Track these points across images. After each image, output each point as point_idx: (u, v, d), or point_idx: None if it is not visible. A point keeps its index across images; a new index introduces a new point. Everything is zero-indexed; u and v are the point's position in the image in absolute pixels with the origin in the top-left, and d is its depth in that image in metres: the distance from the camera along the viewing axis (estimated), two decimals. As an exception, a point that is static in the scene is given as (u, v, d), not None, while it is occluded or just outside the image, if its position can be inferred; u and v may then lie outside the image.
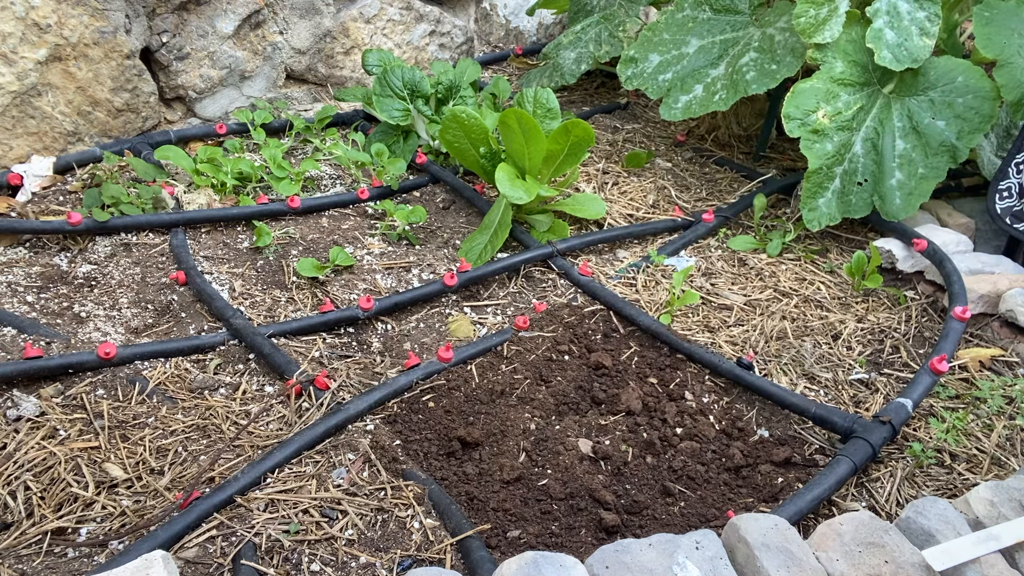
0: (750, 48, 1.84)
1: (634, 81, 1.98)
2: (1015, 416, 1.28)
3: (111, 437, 1.14)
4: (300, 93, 2.30)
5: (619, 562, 0.83)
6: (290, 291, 1.51)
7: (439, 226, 1.78)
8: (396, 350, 1.39)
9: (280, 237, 1.65)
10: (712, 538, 0.88)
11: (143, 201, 1.67)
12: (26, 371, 1.20)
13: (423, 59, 2.52)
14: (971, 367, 1.39)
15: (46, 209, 1.65)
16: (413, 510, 1.05)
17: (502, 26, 2.75)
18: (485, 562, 0.94)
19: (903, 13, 1.65)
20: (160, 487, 1.07)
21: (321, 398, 1.23)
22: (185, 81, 2.01)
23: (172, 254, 1.57)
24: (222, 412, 1.21)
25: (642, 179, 2.00)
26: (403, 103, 1.96)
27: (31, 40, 1.67)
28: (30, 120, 1.75)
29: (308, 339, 1.38)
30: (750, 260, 1.71)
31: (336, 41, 2.28)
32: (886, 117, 1.69)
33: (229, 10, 2.02)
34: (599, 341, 1.42)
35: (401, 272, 1.60)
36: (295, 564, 0.96)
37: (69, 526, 1.01)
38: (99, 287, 1.47)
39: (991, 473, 1.17)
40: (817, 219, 1.68)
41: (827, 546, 0.90)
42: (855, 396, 1.34)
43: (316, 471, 1.10)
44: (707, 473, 1.16)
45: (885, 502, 1.13)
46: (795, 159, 2.13)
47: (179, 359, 1.31)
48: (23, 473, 1.07)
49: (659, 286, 1.60)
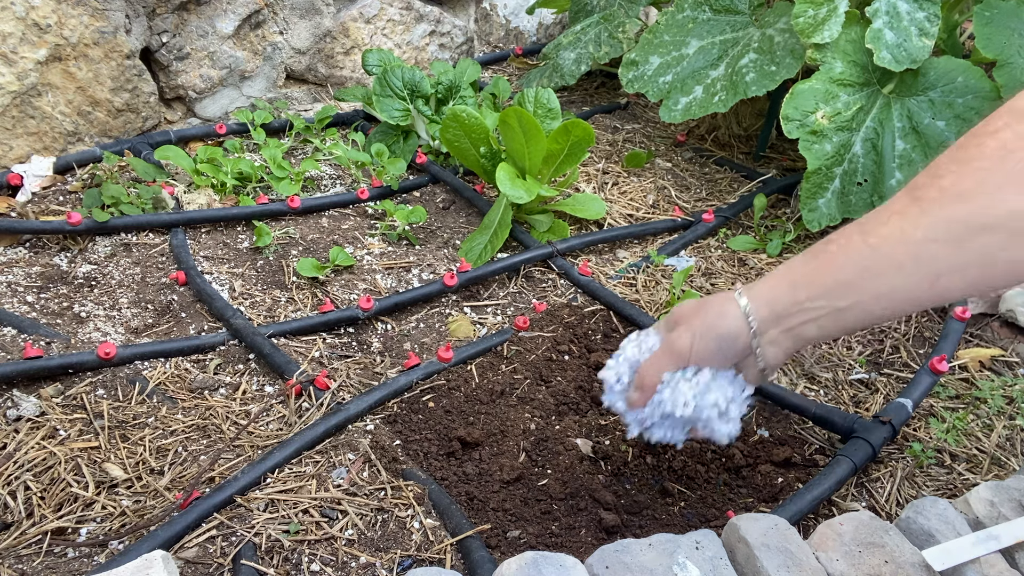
0: (750, 49, 1.84)
1: (635, 84, 1.98)
2: (1015, 416, 1.28)
3: (111, 437, 1.14)
4: (300, 93, 2.30)
5: (619, 562, 0.83)
6: (290, 291, 1.51)
7: (439, 226, 1.78)
8: (396, 350, 1.39)
9: (280, 237, 1.65)
10: (712, 538, 0.88)
11: (143, 201, 1.67)
12: (26, 371, 1.20)
13: (423, 59, 2.52)
14: (971, 367, 1.39)
15: (46, 209, 1.65)
16: (413, 510, 1.05)
17: (502, 26, 2.75)
18: (485, 562, 0.95)
19: (902, 13, 1.65)
20: (160, 487, 1.07)
21: (321, 398, 1.23)
22: (185, 81, 2.01)
23: (172, 254, 1.57)
24: (222, 412, 1.21)
25: (642, 179, 2.00)
26: (403, 103, 1.96)
27: (31, 40, 1.67)
28: (30, 120, 1.75)
29: (308, 339, 1.38)
30: (750, 260, 1.71)
31: (336, 41, 2.28)
32: (886, 117, 1.69)
33: (229, 10, 2.02)
34: (599, 341, 1.42)
35: (401, 272, 1.60)
36: (295, 564, 0.96)
37: (69, 526, 1.01)
38: (99, 287, 1.47)
39: (991, 473, 1.17)
40: (817, 219, 1.68)
41: (827, 546, 0.90)
42: (855, 396, 1.34)
43: (316, 471, 1.10)
44: (707, 473, 1.16)
45: (885, 502, 1.13)
46: (795, 159, 2.13)
47: (179, 359, 1.31)
48: (23, 473, 1.07)
49: (659, 286, 1.60)
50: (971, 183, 0.66)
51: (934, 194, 0.68)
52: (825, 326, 0.77)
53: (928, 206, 0.68)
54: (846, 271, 0.73)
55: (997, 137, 0.67)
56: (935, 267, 0.69)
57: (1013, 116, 0.67)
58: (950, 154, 0.70)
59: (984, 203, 0.66)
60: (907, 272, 0.70)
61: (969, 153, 0.68)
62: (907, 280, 0.70)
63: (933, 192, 0.68)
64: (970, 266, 0.68)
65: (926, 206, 0.68)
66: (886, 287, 0.72)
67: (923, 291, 0.71)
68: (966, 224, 0.67)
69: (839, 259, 0.74)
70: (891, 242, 0.70)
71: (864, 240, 0.72)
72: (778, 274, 0.81)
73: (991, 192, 0.65)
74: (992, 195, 0.65)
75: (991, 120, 0.69)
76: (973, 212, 0.66)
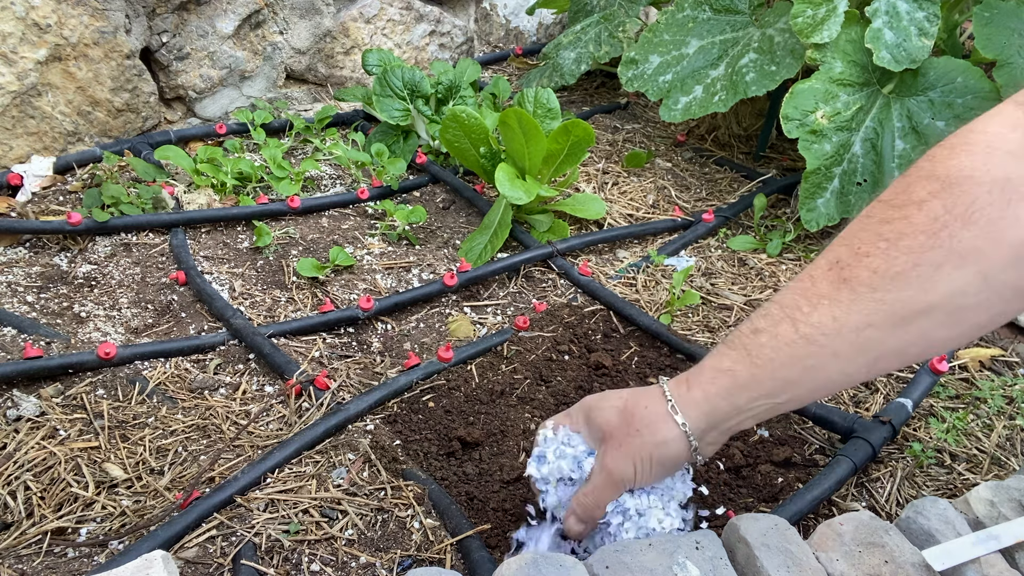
0: (750, 49, 1.84)
1: (635, 83, 1.98)
2: (1015, 416, 1.28)
3: (111, 437, 1.14)
4: (300, 93, 2.30)
5: (619, 562, 0.83)
6: (290, 291, 1.51)
7: (439, 226, 1.78)
8: (396, 350, 1.39)
9: (280, 237, 1.65)
10: (712, 538, 0.88)
11: (143, 201, 1.67)
12: (26, 371, 1.20)
13: (423, 59, 2.52)
14: (971, 367, 1.39)
15: (46, 209, 1.65)
16: (413, 510, 1.05)
17: (502, 26, 2.75)
18: (485, 562, 0.94)
19: (902, 13, 1.65)
20: (160, 487, 1.07)
21: (321, 398, 1.23)
22: (185, 81, 2.01)
23: (172, 254, 1.57)
24: (222, 412, 1.21)
25: (642, 179, 2.00)
26: (403, 103, 1.96)
27: (31, 40, 1.67)
28: (30, 120, 1.75)
29: (308, 339, 1.38)
30: (750, 260, 1.71)
31: (336, 41, 2.28)
32: (885, 117, 1.69)
33: (229, 10, 2.02)
34: (599, 341, 1.42)
35: (401, 272, 1.60)
36: (295, 564, 0.96)
37: (69, 526, 1.01)
38: (99, 287, 1.47)
39: (991, 473, 1.17)
40: (816, 219, 1.68)
41: (827, 546, 0.90)
42: (855, 396, 1.34)
43: (316, 471, 1.10)
44: (707, 473, 1.16)
45: (885, 502, 1.13)
46: (795, 159, 2.13)
47: (179, 359, 1.31)
48: (23, 473, 1.07)
49: (659, 286, 1.60)
50: (904, 264, 0.64)
51: (865, 276, 0.66)
52: (762, 416, 0.76)
53: (860, 290, 0.66)
54: (786, 370, 0.71)
55: (924, 210, 0.64)
56: (873, 353, 0.67)
57: (939, 184, 0.64)
58: (872, 226, 0.67)
59: (921, 287, 0.63)
60: (844, 360, 0.68)
61: (896, 228, 0.65)
62: (845, 367, 0.69)
63: (864, 273, 0.66)
64: (909, 347, 0.67)
65: (859, 290, 0.66)
66: (824, 378, 0.70)
67: (861, 374, 0.70)
68: (904, 309, 0.65)
69: (777, 357, 0.71)
70: (827, 333, 0.67)
71: (795, 329, 0.69)
72: (710, 378, 0.76)
73: (928, 275, 0.63)
74: (930, 277, 0.63)
75: (912, 186, 0.66)
76: (911, 297, 0.64)
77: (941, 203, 0.63)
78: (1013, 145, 0.62)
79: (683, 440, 0.78)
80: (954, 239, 0.62)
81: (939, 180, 0.64)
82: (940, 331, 0.65)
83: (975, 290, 0.63)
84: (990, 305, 0.64)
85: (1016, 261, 0.62)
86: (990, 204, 0.61)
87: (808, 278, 0.71)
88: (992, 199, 0.61)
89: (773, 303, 0.73)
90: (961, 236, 0.62)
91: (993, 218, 0.61)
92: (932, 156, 0.66)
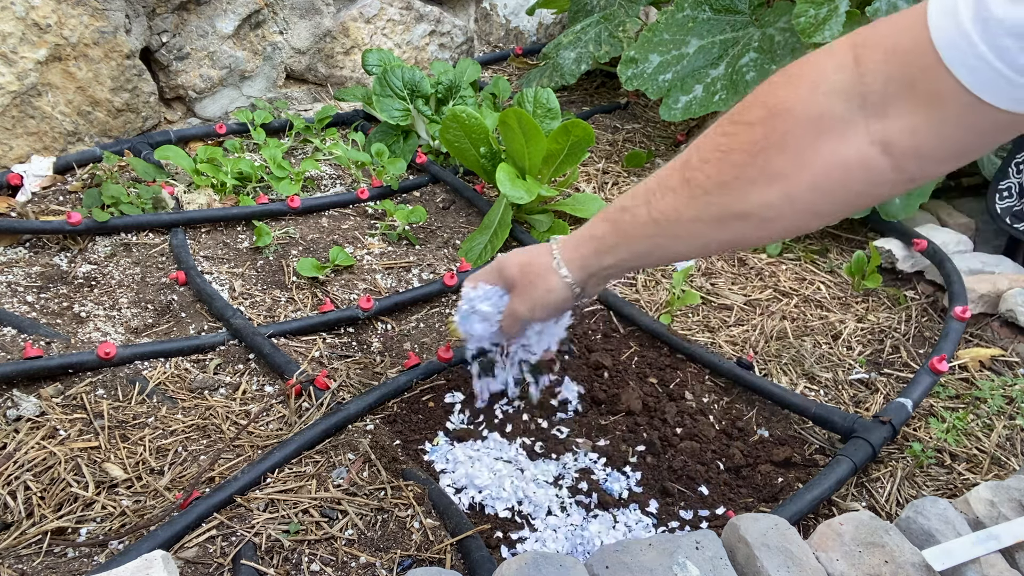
0: (750, 48, 1.84)
1: (634, 82, 1.98)
2: (1015, 416, 1.28)
3: (111, 437, 1.14)
4: (300, 93, 2.30)
5: (619, 562, 0.83)
6: (290, 291, 1.51)
7: (439, 226, 1.78)
8: (396, 350, 1.39)
9: (280, 237, 1.65)
10: (712, 538, 0.88)
11: (143, 201, 1.67)
12: (26, 371, 1.20)
13: (423, 59, 2.52)
14: (971, 367, 1.39)
15: (46, 209, 1.65)
16: (413, 510, 1.05)
17: (502, 26, 2.75)
18: (485, 562, 0.94)
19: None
20: (160, 487, 1.07)
21: (321, 398, 1.23)
22: (185, 81, 2.01)
23: (172, 254, 1.57)
24: (222, 412, 1.21)
25: (642, 179, 2.00)
26: (403, 103, 1.96)
27: (31, 40, 1.67)
28: (30, 120, 1.75)
29: (308, 339, 1.38)
30: (750, 260, 1.71)
31: (336, 41, 2.28)
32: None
33: (229, 10, 2.02)
34: (599, 341, 1.42)
35: (401, 272, 1.60)
36: (295, 564, 0.96)
37: (69, 526, 1.01)
38: (99, 287, 1.47)
39: (991, 473, 1.17)
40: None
41: (827, 546, 0.90)
42: (855, 396, 1.34)
43: (316, 471, 1.10)
44: (707, 473, 1.16)
45: (885, 502, 1.13)
46: (795, 159, 2.13)
47: (179, 359, 1.31)
48: (23, 473, 1.07)
49: (659, 286, 1.60)
50: (729, 176, 0.76)
51: (701, 179, 0.79)
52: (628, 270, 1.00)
53: (696, 191, 0.80)
54: (639, 243, 0.89)
55: (751, 132, 0.74)
56: (703, 240, 0.83)
57: (766, 112, 0.73)
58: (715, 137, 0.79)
59: (739, 196, 0.76)
60: (683, 242, 0.85)
61: (729, 143, 0.76)
62: (683, 247, 0.86)
63: (700, 176, 0.79)
64: (730, 242, 0.82)
65: (695, 191, 0.80)
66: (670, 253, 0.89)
67: (696, 253, 0.92)
68: (724, 212, 0.78)
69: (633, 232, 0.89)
70: (669, 219, 0.83)
71: (649, 213, 0.85)
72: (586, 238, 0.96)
73: (744, 188, 0.76)
74: (745, 190, 0.76)
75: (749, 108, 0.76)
76: (730, 203, 0.77)
77: (763, 129, 0.74)
78: (833, 85, 0.69)
79: (567, 289, 0.99)
80: (768, 162, 0.73)
81: (767, 108, 0.74)
82: (753, 232, 0.79)
83: (779, 205, 0.75)
84: (793, 219, 0.77)
85: (814, 187, 0.73)
86: (801, 137, 0.71)
87: (668, 169, 0.85)
88: (803, 132, 0.71)
89: (641, 185, 0.89)
90: (774, 160, 0.73)
91: (801, 148, 0.72)
92: (771, 82, 0.75)
